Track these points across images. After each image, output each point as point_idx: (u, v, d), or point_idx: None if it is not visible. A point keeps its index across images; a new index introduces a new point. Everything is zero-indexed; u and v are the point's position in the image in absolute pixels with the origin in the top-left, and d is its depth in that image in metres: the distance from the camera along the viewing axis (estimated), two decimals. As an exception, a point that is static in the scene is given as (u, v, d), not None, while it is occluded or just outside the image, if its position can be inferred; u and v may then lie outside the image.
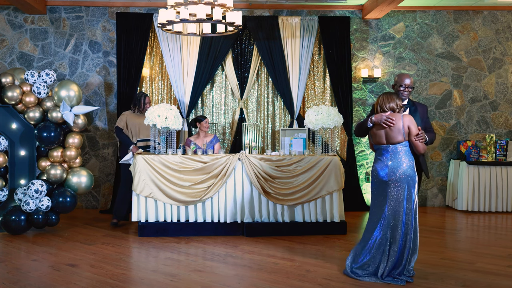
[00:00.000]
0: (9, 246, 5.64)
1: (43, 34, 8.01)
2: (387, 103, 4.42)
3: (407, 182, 4.34)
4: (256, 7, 8.14)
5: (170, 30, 6.05)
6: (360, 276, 4.38)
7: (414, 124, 4.37)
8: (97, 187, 8.04)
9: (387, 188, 4.39)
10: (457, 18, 8.38)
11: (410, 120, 4.36)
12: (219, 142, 6.95)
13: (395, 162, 4.37)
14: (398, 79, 4.69)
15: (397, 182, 4.35)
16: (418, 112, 4.73)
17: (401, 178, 4.34)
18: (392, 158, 4.39)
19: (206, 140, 6.84)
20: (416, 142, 4.36)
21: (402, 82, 4.66)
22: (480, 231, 6.71)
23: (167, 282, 4.34)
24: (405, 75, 4.71)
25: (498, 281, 4.38)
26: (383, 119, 4.36)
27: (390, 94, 4.46)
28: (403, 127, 4.34)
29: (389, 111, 4.42)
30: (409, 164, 4.36)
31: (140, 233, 6.06)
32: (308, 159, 6.15)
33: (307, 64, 8.00)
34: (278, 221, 6.18)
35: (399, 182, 4.34)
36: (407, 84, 4.66)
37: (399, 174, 4.34)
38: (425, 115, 4.76)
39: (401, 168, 4.34)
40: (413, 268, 4.43)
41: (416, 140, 4.35)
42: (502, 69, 8.44)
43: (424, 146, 4.41)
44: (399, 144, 4.37)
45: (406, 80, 4.67)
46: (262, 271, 4.67)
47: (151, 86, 8.08)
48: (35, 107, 6.38)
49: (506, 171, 7.80)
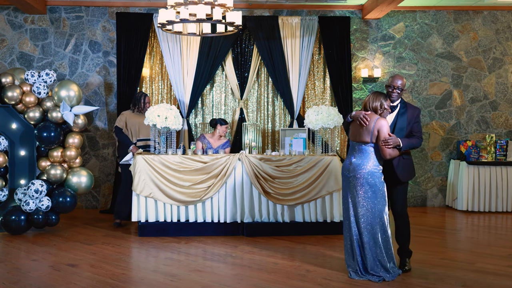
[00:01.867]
0: (9, 246, 5.64)
1: (43, 34, 8.01)
2: (371, 102, 4.46)
3: (368, 183, 4.38)
4: (256, 7, 8.14)
5: (170, 30, 6.05)
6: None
7: (386, 129, 4.35)
8: (97, 187, 8.04)
9: (349, 184, 4.49)
10: (457, 18, 8.38)
11: (383, 124, 4.34)
12: (229, 148, 6.96)
13: (359, 160, 4.43)
14: (389, 79, 4.68)
15: (357, 180, 4.42)
16: (406, 114, 4.65)
17: (362, 177, 4.39)
18: (357, 156, 4.46)
19: (219, 143, 6.85)
20: (381, 147, 4.37)
21: (391, 83, 4.63)
22: (480, 231, 6.71)
23: (167, 282, 4.34)
24: (397, 77, 4.65)
25: (498, 281, 4.38)
26: (360, 116, 4.42)
27: (378, 94, 4.49)
28: (373, 129, 4.36)
29: (371, 110, 4.45)
30: (373, 166, 4.39)
31: (140, 233, 6.06)
32: (308, 159, 6.15)
33: (307, 64, 8.00)
34: (278, 221, 6.18)
35: (359, 180, 4.40)
36: (395, 85, 4.60)
37: (360, 173, 4.39)
38: (414, 118, 4.64)
39: (363, 168, 4.39)
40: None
41: (382, 144, 4.35)
42: (502, 69, 8.44)
43: (392, 152, 4.38)
44: (367, 144, 4.41)
45: (394, 81, 4.62)
46: (262, 271, 4.67)
47: (151, 86, 8.08)
48: (35, 107, 6.38)
49: (506, 171, 7.80)
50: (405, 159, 4.64)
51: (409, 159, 4.68)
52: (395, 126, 4.62)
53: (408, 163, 4.67)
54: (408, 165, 4.66)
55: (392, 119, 4.66)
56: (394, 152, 4.41)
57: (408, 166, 4.66)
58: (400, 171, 4.61)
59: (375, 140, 4.38)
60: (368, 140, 4.39)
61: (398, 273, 4.46)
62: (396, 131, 4.59)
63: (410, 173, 4.70)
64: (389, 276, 4.36)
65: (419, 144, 4.62)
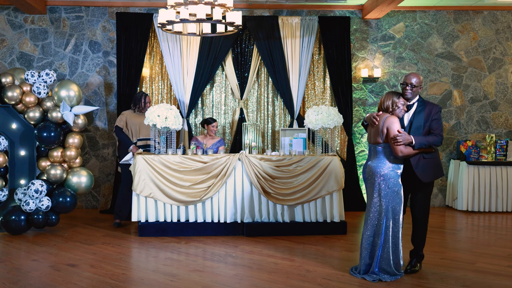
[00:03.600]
0: (9, 246, 5.64)
1: (43, 34, 8.01)
2: (384, 102, 4.42)
3: (385, 185, 4.33)
4: (256, 7, 8.14)
5: (170, 30, 6.05)
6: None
7: (395, 126, 4.26)
8: (97, 187, 8.04)
9: (367, 185, 4.49)
10: (457, 18, 8.38)
11: (391, 122, 4.28)
12: (223, 146, 6.98)
13: (375, 162, 4.41)
14: (404, 77, 4.59)
15: (373, 182, 4.39)
16: (423, 112, 4.48)
17: (378, 179, 4.35)
18: (373, 157, 4.45)
19: (212, 142, 6.88)
20: (392, 145, 4.28)
21: (405, 80, 4.49)
22: (480, 231, 6.71)
23: (167, 282, 4.34)
24: (411, 74, 4.52)
25: (498, 281, 4.38)
26: (371, 117, 4.41)
27: (390, 93, 4.44)
28: (382, 128, 4.31)
29: (384, 110, 4.42)
30: (390, 168, 4.33)
31: (140, 233, 6.06)
32: (308, 159, 6.15)
33: (307, 64, 8.00)
34: (278, 221, 6.18)
35: (376, 182, 4.37)
36: (408, 82, 4.45)
37: (376, 174, 4.36)
38: (432, 116, 4.44)
39: (379, 170, 4.34)
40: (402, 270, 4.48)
41: (392, 142, 4.27)
42: (502, 69, 8.44)
43: (404, 149, 4.26)
44: (379, 145, 4.37)
45: (408, 78, 4.48)
46: (262, 271, 4.67)
47: (151, 86, 8.08)
48: (35, 107, 6.38)
49: (506, 171, 7.80)
50: (426, 159, 4.44)
51: (432, 159, 4.47)
52: (412, 124, 4.48)
53: (430, 163, 4.46)
54: (430, 165, 4.46)
55: (408, 118, 4.52)
56: (406, 150, 4.28)
57: (430, 165, 4.46)
58: (420, 171, 4.43)
59: (386, 139, 4.32)
60: (380, 140, 4.34)
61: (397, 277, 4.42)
62: (413, 130, 4.44)
63: (434, 173, 4.50)
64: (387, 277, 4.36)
65: (438, 141, 4.41)
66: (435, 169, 4.53)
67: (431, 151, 4.46)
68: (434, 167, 4.51)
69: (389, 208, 4.34)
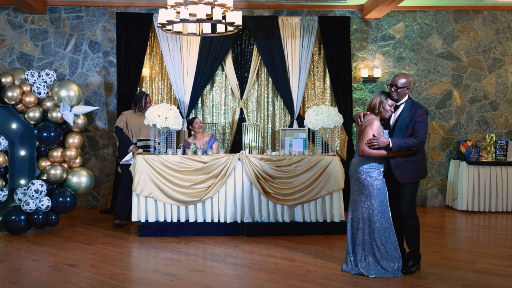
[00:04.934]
0: (9, 246, 5.64)
1: (43, 34, 8.01)
2: (372, 100, 4.52)
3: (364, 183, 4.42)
4: (256, 7, 8.14)
5: (170, 30, 6.05)
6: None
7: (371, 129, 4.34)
8: (97, 187, 8.04)
9: (351, 181, 4.60)
10: (457, 18, 8.38)
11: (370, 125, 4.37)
12: (217, 142, 6.96)
13: (356, 160, 4.53)
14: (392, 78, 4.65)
15: (354, 179, 4.52)
16: (408, 114, 4.46)
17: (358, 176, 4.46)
18: (356, 155, 4.56)
19: (204, 140, 6.85)
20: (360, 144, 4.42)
21: (391, 81, 4.49)
22: (480, 231, 6.71)
23: (167, 282, 4.34)
24: (398, 75, 4.51)
25: (498, 281, 4.38)
26: (357, 116, 4.55)
27: (379, 92, 4.53)
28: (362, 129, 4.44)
29: (371, 109, 4.52)
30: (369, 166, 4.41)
31: (140, 233, 6.06)
32: (308, 159, 6.15)
33: (307, 64, 8.00)
34: (278, 221, 6.18)
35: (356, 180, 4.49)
36: (393, 83, 4.45)
37: (357, 173, 4.47)
38: (416, 118, 4.41)
39: (359, 168, 4.46)
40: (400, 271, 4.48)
41: (366, 144, 4.36)
42: (502, 69, 8.44)
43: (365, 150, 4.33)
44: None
45: (394, 79, 4.48)
46: (262, 271, 4.67)
47: (151, 86, 8.08)
48: (35, 107, 6.38)
49: (506, 171, 7.80)
50: (407, 161, 4.43)
51: (413, 161, 4.46)
52: (395, 125, 4.49)
53: (411, 165, 4.45)
54: (410, 167, 4.45)
55: (394, 118, 4.54)
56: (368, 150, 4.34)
57: (410, 167, 4.45)
58: (399, 172, 4.44)
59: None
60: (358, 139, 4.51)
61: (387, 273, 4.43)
62: (396, 131, 4.46)
63: (414, 175, 4.49)
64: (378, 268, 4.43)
65: (417, 145, 4.39)
66: (416, 171, 4.52)
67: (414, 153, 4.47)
68: (414, 169, 4.50)
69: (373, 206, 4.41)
